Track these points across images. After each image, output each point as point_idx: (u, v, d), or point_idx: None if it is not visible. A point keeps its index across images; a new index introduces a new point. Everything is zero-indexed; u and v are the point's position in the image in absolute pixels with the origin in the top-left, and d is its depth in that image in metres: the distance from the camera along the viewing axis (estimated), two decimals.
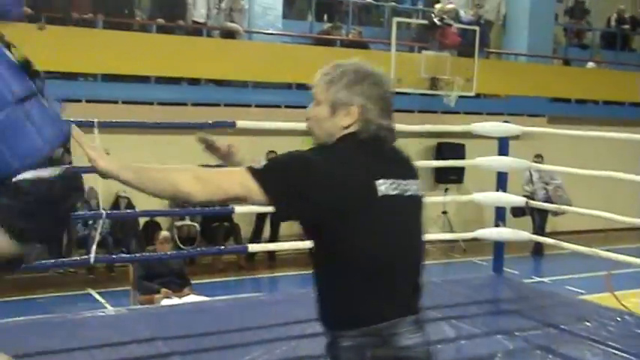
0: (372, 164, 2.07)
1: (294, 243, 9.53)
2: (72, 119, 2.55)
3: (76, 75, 10.02)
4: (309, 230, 2.13)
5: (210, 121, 5.63)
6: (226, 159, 2.58)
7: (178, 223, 10.35)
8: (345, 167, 2.03)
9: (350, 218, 2.01)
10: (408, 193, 2.11)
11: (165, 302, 6.23)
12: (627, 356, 4.10)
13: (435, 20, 12.00)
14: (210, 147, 2.56)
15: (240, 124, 5.39)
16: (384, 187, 2.05)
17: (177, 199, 2.13)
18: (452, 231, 11.55)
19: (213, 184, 2.04)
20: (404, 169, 2.18)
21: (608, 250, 5.62)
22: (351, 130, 2.10)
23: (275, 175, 2.02)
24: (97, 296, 8.32)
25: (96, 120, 4.31)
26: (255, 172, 2.01)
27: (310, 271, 2.16)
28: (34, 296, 8.26)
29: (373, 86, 2.11)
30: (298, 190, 1.99)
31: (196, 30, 11.21)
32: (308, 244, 2.19)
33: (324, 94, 2.12)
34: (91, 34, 10.07)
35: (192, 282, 7.26)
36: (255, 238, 10.43)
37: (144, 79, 10.59)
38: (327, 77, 2.13)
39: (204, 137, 2.54)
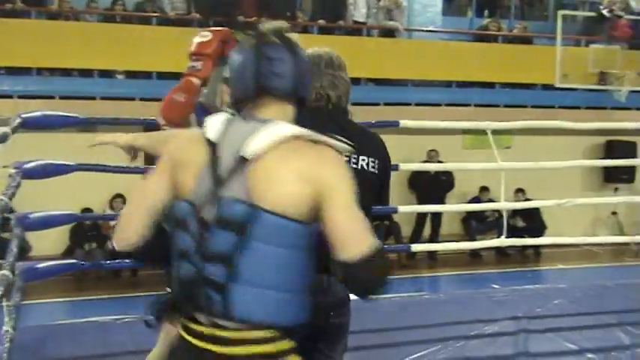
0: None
1: (456, 243, 9.47)
2: None
3: None
4: None
5: (373, 121, 5.67)
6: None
7: None
8: None
9: None
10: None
11: None
12: None
13: (604, 12, 11.47)
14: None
15: (404, 123, 5.40)
16: None
17: None
18: (622, 233, 10.97)
19: None
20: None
21: None
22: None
23: None
24: None
25: None
26: None
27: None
28: None
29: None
30: None
31: (356, 30, 11.31)
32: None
33: None
34: None
35: None
36: (416, 237, 10.38)
37: None
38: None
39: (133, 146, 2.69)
